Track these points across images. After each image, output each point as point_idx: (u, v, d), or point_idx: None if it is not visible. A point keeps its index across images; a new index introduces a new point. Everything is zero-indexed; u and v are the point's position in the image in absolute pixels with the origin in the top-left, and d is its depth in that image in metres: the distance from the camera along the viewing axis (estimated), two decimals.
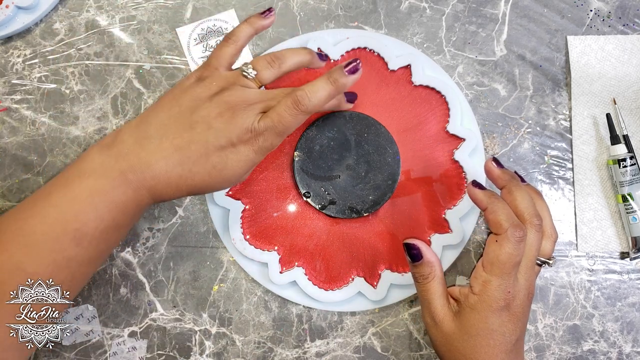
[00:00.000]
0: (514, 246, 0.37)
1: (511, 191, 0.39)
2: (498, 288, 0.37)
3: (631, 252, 0.47)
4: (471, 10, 0.50)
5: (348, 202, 0.46)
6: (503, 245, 0.37)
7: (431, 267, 0.40)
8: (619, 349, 0.47)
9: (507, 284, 0.37)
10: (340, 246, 0.46)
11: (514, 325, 0.38)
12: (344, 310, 0.47)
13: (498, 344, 0.37)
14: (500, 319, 0.37)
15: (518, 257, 0.37)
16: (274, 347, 0.48)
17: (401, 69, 0.47)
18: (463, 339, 0.38)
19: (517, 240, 0.37)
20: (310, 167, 0.46)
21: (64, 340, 0.48)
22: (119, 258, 0.48)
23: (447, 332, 0.39)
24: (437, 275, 0.40)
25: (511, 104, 0.49)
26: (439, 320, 0.39)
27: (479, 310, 0.38)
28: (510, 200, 0.39)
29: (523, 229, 0.37)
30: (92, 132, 0.49)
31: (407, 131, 0.47)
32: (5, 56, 0.50)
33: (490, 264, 0.37)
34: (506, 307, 0.37)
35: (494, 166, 0.40)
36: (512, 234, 0.37)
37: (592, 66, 0.49)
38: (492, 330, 0.37)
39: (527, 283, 0.38)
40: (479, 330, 0.37)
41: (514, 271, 0.37)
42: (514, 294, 0.37)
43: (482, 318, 0.37)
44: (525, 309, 0.38)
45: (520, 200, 0.39)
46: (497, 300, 0.37)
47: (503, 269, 0.37)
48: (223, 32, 0.50)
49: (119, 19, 0.50)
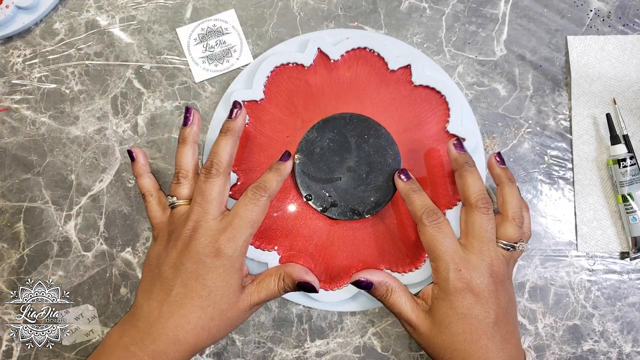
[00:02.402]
0: (433, 229, 0.39)
1: (462, 175, 0.42)
2: (445, 270, 0.38)
3: (631, 252, 0.47)
4: (471, 10, 0.50)
5: (349, 204, 0.46)
6: (423, 231, 0.40)
7: (383, 285, 0.42)
8: (619, 349, 0.47)
9: (452, 264, 0.38)
10: (340, 246, 0.46)
11: (482, 307, 0.38)
12: (344, 310, 0.47)
13: (473, 328, 0.38)
14: (465, 302, 0.38)
15: (443, 239, 0.39)
16: (274, 347, 0.48)
17: (401, 69, 0.47)
18: (440, 332, 0.39)
19: (433, 224, 0.39)
20: (311, 169, 0.46)
21: (64, 340, 0.48)
22: (119, 258, 0.49)
23: (425, 332, 0.40)
24: (393, 288, 0.42)
25: (511, 104, 0.49)
26: (415, 324, 0.40)
27: (442, 298, 0.39)
28: (460, 184, 0.42)
29: (436, 212, 0.40)
30: (92, 132, 0.49)
31: (407, 131, 0.47)
32: (5, 56, 0.50)
33: (427, 252, 0.40)
34: (466, 288, 0.38)
35: (452, 147, 0.43)
36: (426, 219, 0.40)
37: (592, 66, 0.49)
38: (462, 315, 0.38)
39: (484, 263, 0.39)
40: (450, 318, 0.38)
41: (449, 252, 0.39)
42: (469, 273, 0.38)
43: (448, 305, 0.38)
44: (491, 288, 0.38)
45: (470, 184, 0.41)
46: (452, 282, 0.38)
47: (435, 252, 0.39)
48: (223, 32, 0.50)
49: (119, 19, 0.50)
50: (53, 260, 0.49)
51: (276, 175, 0.42)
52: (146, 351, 0.37)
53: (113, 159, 0.49)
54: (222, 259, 0.39)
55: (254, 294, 0.40)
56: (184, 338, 0.37)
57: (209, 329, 0.38)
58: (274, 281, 0.41)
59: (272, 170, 0.43)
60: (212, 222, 0.40)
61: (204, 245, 0.39)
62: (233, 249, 0.39)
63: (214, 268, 0.39)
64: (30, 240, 0.49)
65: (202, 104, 0.49)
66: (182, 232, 0.40)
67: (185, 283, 0.38)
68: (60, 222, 0.49)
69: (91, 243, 0.49)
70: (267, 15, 0.50)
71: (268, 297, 0.41)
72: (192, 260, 0.39)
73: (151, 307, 0.38)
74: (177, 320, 0.37)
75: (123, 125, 0.49)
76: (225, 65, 0.49)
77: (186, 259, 0.39)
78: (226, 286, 0.39)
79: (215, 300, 0.38)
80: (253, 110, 0.47)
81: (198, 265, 0.38)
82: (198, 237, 0.39)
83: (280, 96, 0.47)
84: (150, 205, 0.44)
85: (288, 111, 0.47)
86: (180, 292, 0.38)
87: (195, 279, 0.38)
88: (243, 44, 0.49)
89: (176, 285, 0.38)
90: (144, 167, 0.46)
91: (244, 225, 0.39)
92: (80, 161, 0.49)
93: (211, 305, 0.38)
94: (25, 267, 0.49)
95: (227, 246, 0.39)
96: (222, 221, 0.40)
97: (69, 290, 0.49)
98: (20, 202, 0.49)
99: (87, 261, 0.49)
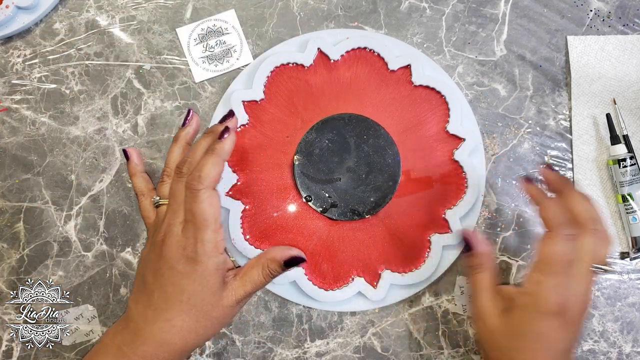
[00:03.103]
0: (564, 243, 0.36)
1: (567, 195, 0.38)
2: (550, 289, 0.36)
3: (631, 252, 0.47)
4: (471, 10, 0.50)
5: (349, 205, 0.46)
6: (554, 242, 0.36)
7: (481, 258, 0.40)
8: (619, 349, 0.47)
9: (559, 285, 0.36)
10: (340, 246, 0.46)
11: (564, 334, 0.36)
12: (344, 310, 0.47)
13: (544, 349, 0.36)
14: (550, 324, 0.36)
15: (569, 256, 0.36)
16: (274, 347, 0.48)
17: (401, 69, 0.47)
18: (508, 337, 0.37)
19: (568, 237, 0.36)
20: (311, 170, 0.46)
21: (64, 340, 0.48)
22: (119, 258, 0.49)
23: (491, 327, 0.38)
24: (486, 268, 0.40)
25: (511, 104, 0.49)
26: (485, 315, 0.38)
27: (529, 311, 0.36)
28: (566, 204, 0.38)
29: (574, 227, 0.36)
30: (92, 132, 0.49)
31: (407, 131, 0.47)
32: (5, 56, 0.50)
33: (542, 262, 0.36)
34: (559, 312, 0.36)
35: (548, 171, 0.40)
36: (563, 231, 0.36)
37: (592, 66, 0.49)
38: (539, 334, 0.36)
39: (582, 290, 0.36)
40: (526, 331, 0.36)
41: (565, 272, 0.36)
42: (568, 298, 0.36)
43: (531, 319, 0.36)
44: (580, 318, 0.37)
45: (576, 203, 0.38)
46: (549, 302, 0.36)
47: (554, 268, 0.36)
48: (223, 32, 0.50)
49: (119, 19, 0.50)
50: (53, 261, 0.49)
51: (212, 158, 0.38)
52: (137, 353, 0.37)
53: (113, 159, 0.49)
54: (194, 264, 0.37)
55: (238, 289, 0.39)
56: (171, 340, 0.37)
57: (195, 330, 0.38)
58: (257, 272, 0.40)
59: (208, 153, 0.39)
60: (178, 226, 0.38)
61: (173, 251, 0.38)
62: (202, 252, 0.37)
63: (187, 274, 0.38)
64: (30, 240, 0.49)
65: (202, 104, 0.49)
66: (157, 238, 0.39)
67: (164, 289, 0.38)
68: (60, 222, 0.49)
69: (91, 243, 0.49)
70: (267, 15, 0.50)
71: (254, 289, 0.40)
72: (166, 267, 0.38)
73: (138, 310, 0.38)
74: (162, 324, 0.37)
75: (123, 125, 0.49)
76: (225, 66, 0.49)
77: (162, 265, 0.38)
78: (205, 289, 0.38)
79: (196, 303, 0.38)
80: (253, 110, 0.47)
81: (172, 271, 0.38)
82: (168, 243, 0.38)
83: (280, 96, 0.47)
84: (143, 205, 0.44)
85: (288, 111, 0.47)
86: (161, 297, 0.38)
87: (173, 285, 0.38)
88: (243, 44, 0.49)
89: (156, 290, 0.38)
90: (136, 167, 0.46)
91: (200, 227, 0.37)
92: (80, 161, 0.49)
93: (193, 308, 0.38)
94: (25, 267, 0.49)
95: (194, 251, 0.37)
96: (184, 226, 0.38)
97: (69, 290, 0.49)
98: (20, 202, 0.49)
99: (87, 261, 0.49)
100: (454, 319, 0.47)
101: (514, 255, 0.48)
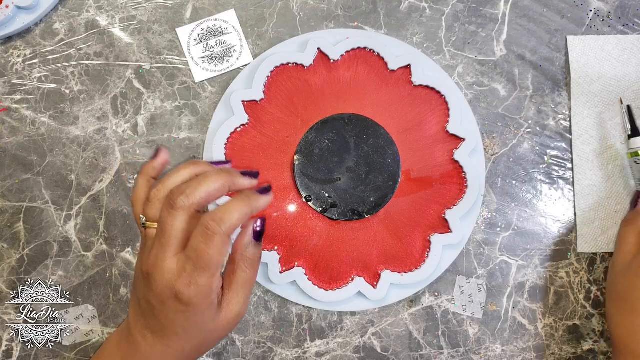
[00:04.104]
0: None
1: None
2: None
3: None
4: (471, 10, 0.50)
5: (349, 205, 0.46)
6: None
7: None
8: None
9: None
10: (340, 246, 0.46)
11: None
12: (344, 310, 0.47)
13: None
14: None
15: None
16: (274, 347, 0.48)
17: (401, 69, 0.47)
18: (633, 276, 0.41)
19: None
20: (311, 170, 0.46)
21: (64, 340, 0.48)
22: (119, 258, 0.49)
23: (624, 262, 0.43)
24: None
25: (511, 104, 0.49)
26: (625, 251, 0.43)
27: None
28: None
29: None
30: (92, 132, 0.49)
31: (407, 131, 0.47)
32: (5, 56, 0.50)
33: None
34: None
35: None
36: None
37: (592, 66, 0.49)
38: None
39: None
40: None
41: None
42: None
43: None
44: None
45: None
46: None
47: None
48: (223, 32, 0.50)
49: (119, 19, 0.50)
50: (53, 261, 0.49)
51: (242, 206, 0.34)
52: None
53: (113, 159, 0.49)
54: (184, 304, 0.34)
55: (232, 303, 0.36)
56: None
57: (197, 349, 0.37)
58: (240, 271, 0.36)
59: (240, 199, 0.34)
60: (169, 261, 0.34)
61: (162, 287, 0.34)
62: (195, 293, 0.34)
63: (178, 312, 0.34)
64: (30, 240, 0.49)
65: (202, 104, 0.49)
66: (144, 267, 0.35)
67: (157, 319, 0.36)
68: (60, 222, 0.49)
69: (91, 243, 0.49)
70: (267, 16, 0.50)
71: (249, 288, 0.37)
72: (156, 300, 0.35)
73: (137, 328, 0.37)
74: (161, 348, 0.36)
75: (123, 125, 0.49)
76: (225, 65, 0.49)
77: (152, 297, 0.35)
78: (199, 323, 0.35)
79: (192, 335, 0.36)
80: (253, 110, 0.47)
81: (163, 306, 0.35)
82: (156, 277, 0.34)
83: (280, 96, 0.47)
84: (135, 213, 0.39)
85: (288, 111, 0.47)
86: (158, 325, 0.36)
87: (165, 318, 0.35)
88: (243, 44, 0.49)
89: (150, 318, 0.36)
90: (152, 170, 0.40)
91: (200, 270, 0.33)
92: (80, 161, 0.49)
93: (190, 339, 0.36)
94: (25, 267, 0.49)
95: (186, 291, 0.33)
96: (178, 262, 0.34)
97: (69, 290, 0.49)
98: (20, 202, 0.49)
99: (87, 261, 0.49)
100: (454, 319, 0.47)
101: (514, 255, 0.48)
